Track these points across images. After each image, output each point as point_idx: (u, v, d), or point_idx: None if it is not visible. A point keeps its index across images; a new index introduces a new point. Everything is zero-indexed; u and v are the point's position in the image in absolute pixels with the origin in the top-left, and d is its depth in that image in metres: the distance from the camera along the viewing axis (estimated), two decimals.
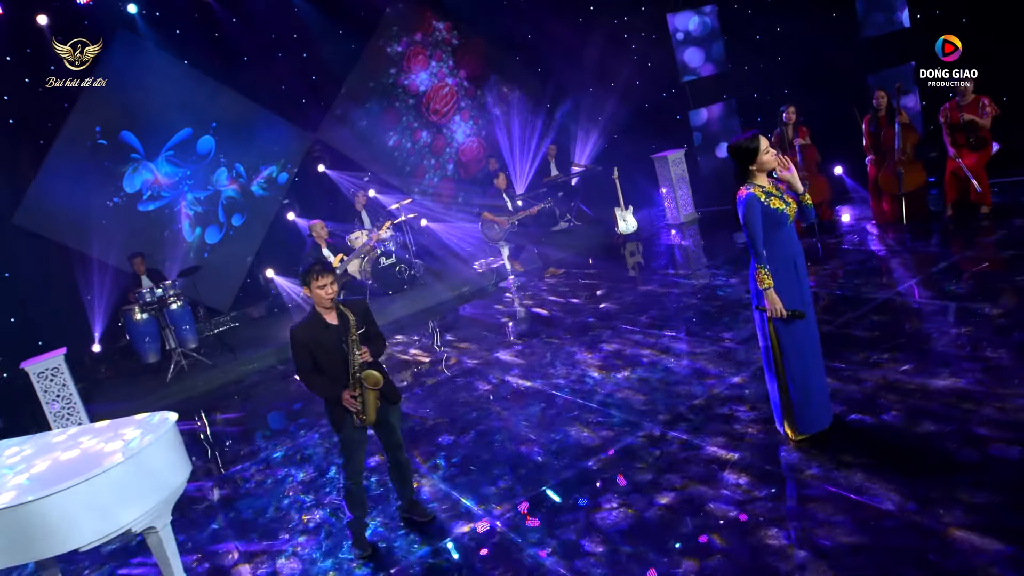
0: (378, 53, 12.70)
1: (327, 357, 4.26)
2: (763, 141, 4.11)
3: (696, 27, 12.20)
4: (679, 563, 3.62)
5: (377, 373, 4.25)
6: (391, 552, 4.45)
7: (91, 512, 3.89)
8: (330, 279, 4.22)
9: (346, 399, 4.22)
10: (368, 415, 4.26)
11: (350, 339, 4.23)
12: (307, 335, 4.28)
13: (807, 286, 4.22)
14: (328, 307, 4.28)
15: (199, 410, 8.30)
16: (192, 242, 11.45)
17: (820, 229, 8.73)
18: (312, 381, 4.32)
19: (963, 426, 4.11)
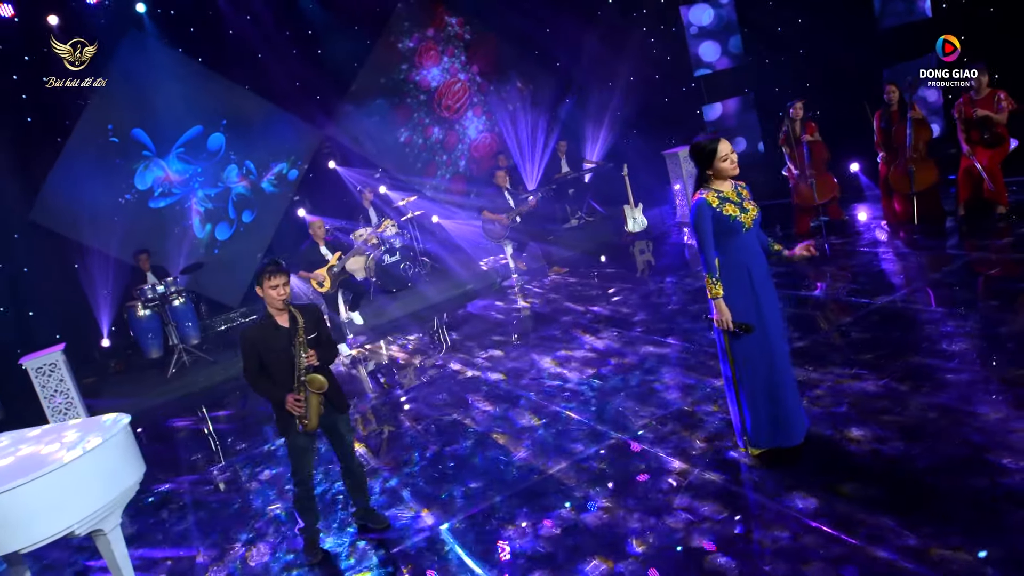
0: (389, 49, 12.66)
1: (275, 359, 4.20)
2: (724, 147, 3.90)
3: (711, 20, 11.87)
4: None
5: (322, 377, 4.18)
6: (340, 559, 4.37)
7: (34, 514, 3.89)
8: (282, 280, 4.15)
9: (290, 402, 4.15)
10: (311, 420, 4.19)
11: (297, 342, 4.16)
12: (257, 336, 4.23)
13: (768, 298, 3.96)
14: (280, 309, 4.21)
15: (199, 406, 8.34)
16: (203, 238, 11.57)
17: (828, 229, 8.42)
18: (257, 383, 4.27)
19: (934, 446, 3.86)
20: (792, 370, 4.13)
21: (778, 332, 4.02)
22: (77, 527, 4.05)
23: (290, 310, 4.23)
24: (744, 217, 3.90)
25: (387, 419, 6.40)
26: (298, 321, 4.18)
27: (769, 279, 4.02)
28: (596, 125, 12.63)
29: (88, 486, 4.06)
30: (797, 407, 4.08)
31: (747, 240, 3.94)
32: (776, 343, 3.98)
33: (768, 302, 3.96)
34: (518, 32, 12.97)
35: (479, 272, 10.67)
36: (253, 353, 4.21)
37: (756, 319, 3.91)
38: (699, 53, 11.93)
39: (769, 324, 3.94)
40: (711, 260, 3.92)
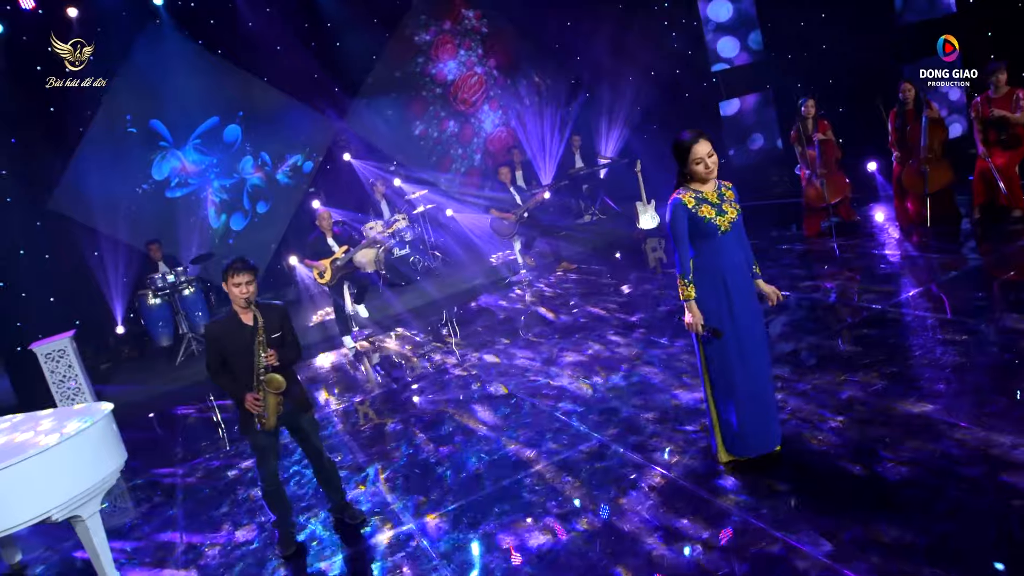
0: (406, 42, 12.65)
1: (237, 357, 4.17)
2: (699, 149, 3.78)
3: (729, 16, 11.66)
4: None
5: (280, 377, 4.14)
6: (314, 552, 4.39)
7: (9, 499, 3.97)
8: (246, 278, 4.13)
9: (249, 401, 4.15)
10: (269, 420, 4.18)
11: (257, 341, 4.14)
12: (220, 332, 4.23)
13: (743, 304, 3.84)
14: (243, 307, 4.19)
15: (207, 394, 8.42)
16: (218, 228, 11.72)
17: (838, 230, 8.24)
18: (217, 378, 4.27)
19: (912, 459, 3.74)
20: (771, 378, 4.02)
21: (755, 339, 3.89)
22: (54, 513, 4.13)
23: (254, 309, 4.21)
24: (720, 220, 3.80)
25: (379, 413, 6.42)
26: (259, 320, 4.16)
27: (748, 285, 3.91)
28: (611, 120, 12.51)
29: (65, 473, 4.13)
30: (773, 416, 3.98)
31: (723, 243, 3.84)
32: (751, 350, 3.87)
33: (744, 308, 3.85)
34: (535, 26, 12.88)
35: (488, 267, 10.64)
36: (215, 348, 4.22)
37: (729, 324, 3.82)
38: (717, 48, 11.73)
39: (743, 330, 3.84)
40: (684, 261, 3.85)
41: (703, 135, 3.79)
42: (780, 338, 5.73)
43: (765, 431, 3.92)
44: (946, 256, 6.80)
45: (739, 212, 3.87)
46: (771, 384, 4.00)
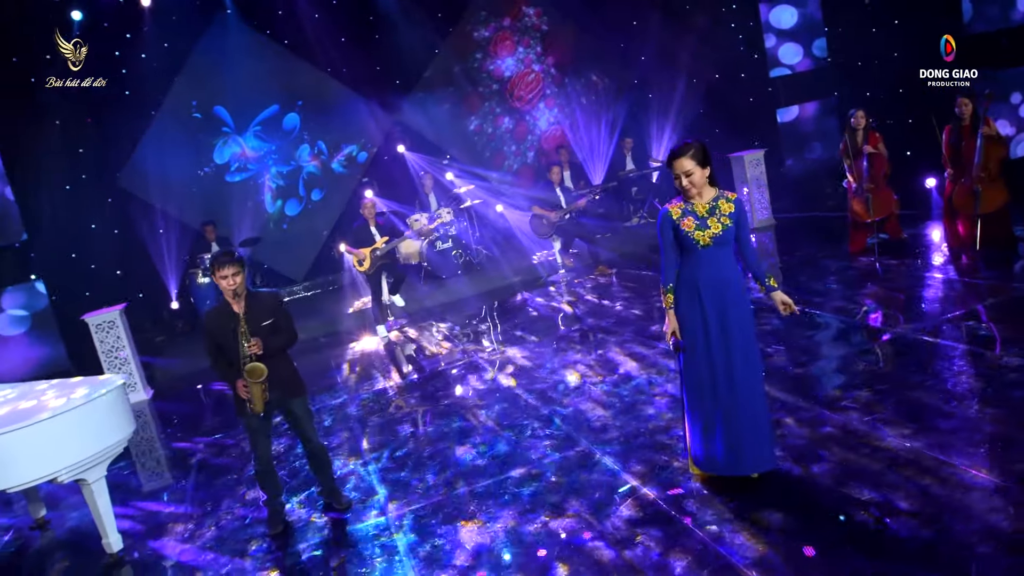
0: (465, 38, 12.78)
1: (228, 344, 4.32)
2: (676, 166, 3.72)
3: (794, 22, 11.29)
4: None
5: (261, 366, 4.25)
6: (299, 533, 4.55)
7: (19, 459, 4.27)
8: (232, 270, 4.22)
9: (239, 387, 4.32)
10: (256, 405, 4.32)
11: (240, 331, 4.28)
12: (212, 319, 4.40)
13: (720, 321, 3.75)
14: (232, 297, 4.31)
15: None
16: (273, 213, 12.15)
17: (883, 248, 7.91)
18: (215, 363, 4.45)
19: (887, 493, 3.59)
20: (757, 399, 3.85)
21: (729, 358, 3.77)
22: (61, 474, 4.42)
23: (247, 297, 4.35)
24: (699, 234, 3.73)
25: (393, 403, 6.55)
26: (239, 313, 4.29)
27: (731, 302, 3.78)
28: (664, 123, 12.31)
29: (72, 438, 4.41)
30: (751, 441, 3.81)
31: (703, 257, 3.77)
32: (723, 369, 3.77)
33: (720, 325, 3.75)
34: (595, 25, 12.79)
35: (528, 266, 10.67)
36: (209, 336, 4.40)
37: (702, 339, 3.76)
38: (778, 53, 11.39)
39: (715, 347, 3.76)
40: (667, 270, 3.86)
41: (684, 152, 3.72)
42: (792, 355, 5.57)
43: (735, 453, 3.81)
44: (990, 283, 6.43)
45: (725, 228, 3.75)
46: (751, 408, 3.80)
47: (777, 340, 5.96)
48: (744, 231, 3.81)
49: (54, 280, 10.20)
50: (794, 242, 9.44)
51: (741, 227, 3.78)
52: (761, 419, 3.84)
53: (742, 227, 3.79)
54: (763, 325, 6.30)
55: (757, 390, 3.83)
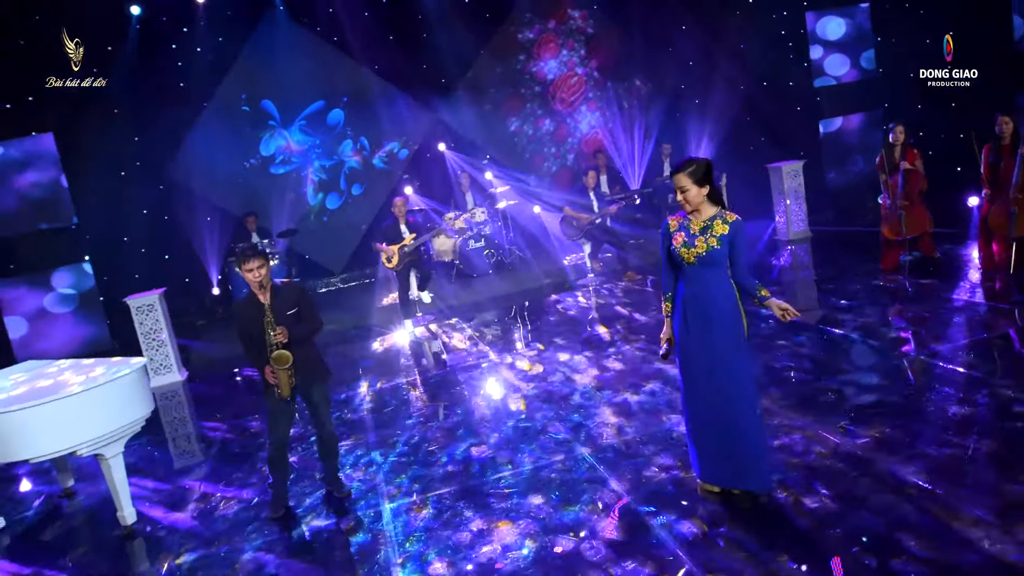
0: (509, 39, 12.88)
1: (256, 332, 4.57)
2: (675, 181, 3.77)
3: (843, 34, 11.06)
4: None
5: (287, 354, 4.49)
6: (298, 516, 4.74)
7: (42, 432, 4.56)
8: (256, 264, 4.47)
9: (267, 372, 4.54)
10: (283, 391, 4.54)
11: (265, 320, 4.50)
12: (241, 310, 4.65)
13: (701, 338, 3.80)
14: (258, 288, 4.56)
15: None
16: (314, 206, 12.47)
17: (915, 267, 7.74)
18: (248, 351, 4.69)
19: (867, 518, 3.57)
20: (744, 418, 3.81)
21: (706, 374, 3.81)
22: (80, 448, 4.69)
23: (272, 288, 4.58)
24: (685, 251, 3.77)
25: (409, 397, 6.71)
26: (265, 303, 4.51)
27: (715, 322, 3.77)
28: (703, 130, 12.19)
29: (92, 415, 4.68)
30: (729, 455, 3.85)
31: (689, 273, 3.82)
32: (703, 383, 3.83)
33: (701, 342, 3.80)
34: (640, 30, 12.75)
35: (558, 268, 10.73)
36: (238, 325, 4.64)
37: (683, 352, 3.83)
38: (824, 64, 11.18)
39: (693, 362, 3.85)
40: (664, 278, 3.97)
41: (683, 168, 3.76)
42: (798, 374, 5.52)
43: (716, 466, 3.87)
44: (1019, 308, 6.24)
45: (711, 249, 3.74)
46: (738, 426, 3.81)
47: (790, 358, 5.90)
48: (739, 255, 3.76)
49: (105, 262, 10.68)
50: (828, 256, 9.29)
51: (735, 250, 3.75)
52: (750, 438, 3.83)
53: (736, 250, 3.75)
54: (779, 343, 6.26)
55: (744, 410, 3.81)
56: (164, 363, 8.74)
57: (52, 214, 10.02)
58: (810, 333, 6.43)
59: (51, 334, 9.98)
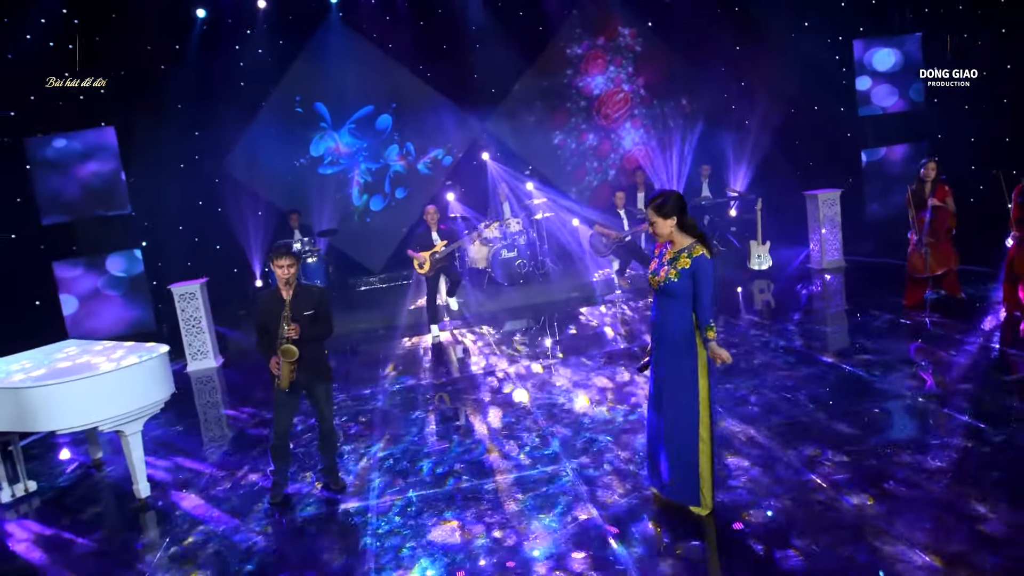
0: (557, 53, 13.09)
1: (273, 325, 4.88)
2: (649, 212, 4.01)
3: (891, 62, 10.92)
4: None
5: (294, 348, 4.79)
6: (294, 504, 5.05)
7: (69, 407, 4.98)
8: (288, 261, 4.80)
9: (272, 363, 4.86)
10: (282, 382, 4.86)
11: (282, 316, 4.82)
12: (263, 302, 4.98)
13: (659, 358, 4.09)
14: (284, 285, 4.88)
15: None
16: (358, 207, 12.92)
17: (938, 305, 7.65)
18: (258, 340, 5.02)
19: (818, 553, 3.65)
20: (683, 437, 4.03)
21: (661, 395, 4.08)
22: (103, 424, 5.10)
23: (296, 287, 4.90)
24: (652, 278, 4.02)
25: (418, 399, 6.98)
26: (286, 300, 4.84)
27: (664, 349, 4.02)
28: (744, 153, 12.17)
29: (114, 395, 5.08)
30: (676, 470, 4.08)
31: (657, 299, 4.07)
32: (655, 398, 4.14)
33: (659, 361, 4.06)
34: (690, 51, 12.79)
35: (586, 283, 10.88)
36: (257, 315, 4.98)
37: (652, 370, 4.11)
38: (872, 93, 11.05)
39: (653, 379, 4.12)
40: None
41: (653, 201, 4.00)
42: (784, 405, 5.57)
43: (654, 472, 4.28)
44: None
45: (668, 281, 3.94)
46: (677, 445, 4.05)
47: (784, 388, 5.96)
48: (699, 290, 3.89)
49: (159, 249, 11.29)
50: (855, 288, 9.21)
51: (697, 285, 3.89)
52: (686, 458, 4.04)
53: (697, 285, 3.88)
54: (780, 371, 6.32)
55: (680, 434, 4.02)
56: (201, 349, 9.23)
57: (110, 202, 10.67)
58: (812, 364, 6.45)
59: (101, 314, 10.63)
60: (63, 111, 10.37)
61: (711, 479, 4.07)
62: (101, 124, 10.72)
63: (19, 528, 5.26)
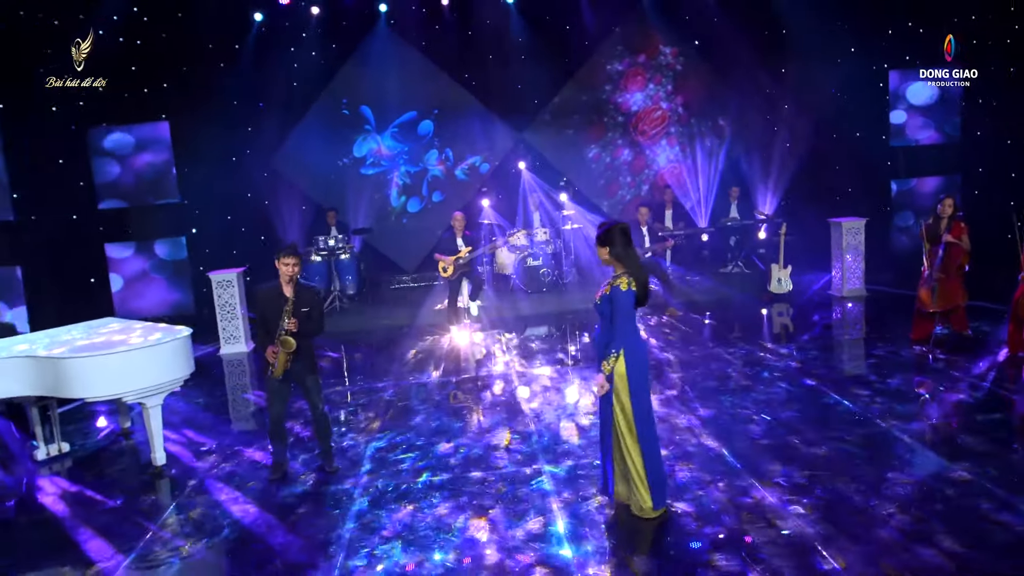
0: (598, 69, 13.38)
1: (272, 317, 5.34)
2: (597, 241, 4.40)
3: (928, 96, 10.88)
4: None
5: (292, 340, 5.24)
6: (291, 482, 5.49)
7: (98, 377, 5.52)
8: (293, 260, 5.25)
9: (268, 351, 5.31)
10: (276, 370, 5.30)
11: (284, 310, 5.27)
12: (265, 296, 5.43)
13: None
14: (287, 281, 5.34)
15: (340, 344, 9.86)
16: (396, 208, 13.44)
17: (943, 342, 7.69)
18: (258, 330, 5.49)
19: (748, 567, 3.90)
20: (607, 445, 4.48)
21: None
22: (127, 396, 5.64)
23: (296, 285, 5.34)
24: (597, 295, 4.34)
25: (427, 396, 7.37)
26: (290, 296, 5.28)
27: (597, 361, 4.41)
28: (775, 176, 12.25)
29: (138, 370, 5.61)
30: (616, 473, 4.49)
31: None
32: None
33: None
34: (729, 73, 12.93)
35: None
36: (258, 307, 5.44)
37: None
38: (905, 125, 11.03)
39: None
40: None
41: (599, 227, 4.37)
42: (759, 425, 5.77)
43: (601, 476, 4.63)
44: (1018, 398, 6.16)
45: (595, 303, 4.40)
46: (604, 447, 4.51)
47: (764, 409, 6.15)
48: (614, 316, 4.24)
49: (208, 237, 11.96)
50: (870, 318, 9.27)
51: (612, 310, 4.25)
52: (622, 467, 4.46)
53: (613, 311, 4.24)
54: (759, 393, 6.51)
55: (608, 443, 4.46)
56: (235, 334, 9.81)
57: (161, 191, 11.40)
58: (798, 387, 6.61)
59: (145, 294, 11.38)
60: (125, 104, 11.13)
61: (645, 484, 4.35)
62: (162, 116, 11.47)
63: (49, 483, 5.84)
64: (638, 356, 4.30)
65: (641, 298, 4.27)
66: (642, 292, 4.25)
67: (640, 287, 4.23)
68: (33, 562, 4.59)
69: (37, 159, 10.57)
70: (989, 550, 3.90)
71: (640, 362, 4.30)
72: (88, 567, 4.46)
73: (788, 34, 12.07)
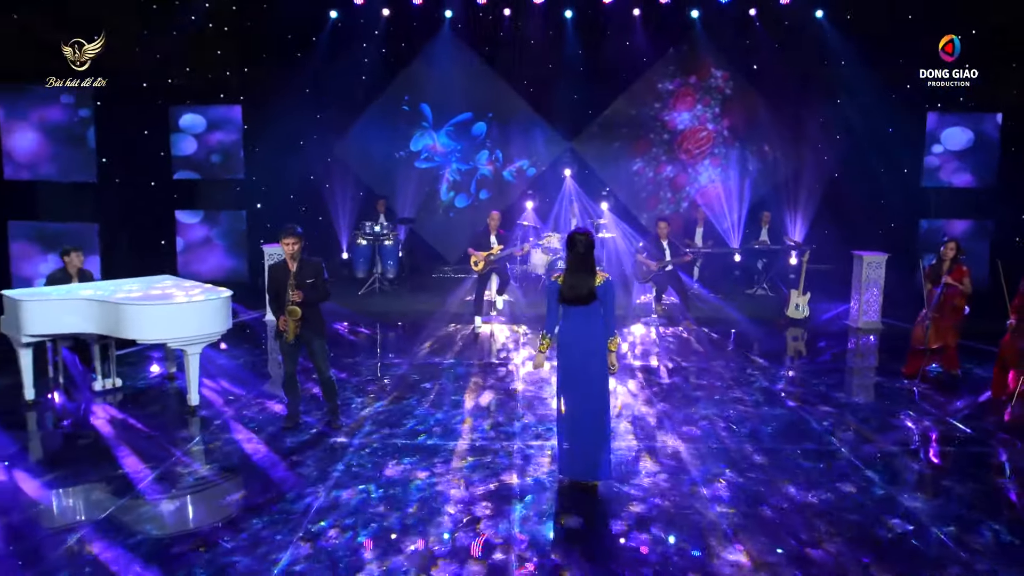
0: (650, 87, 13.89)
1: (281, 290, 6.12)
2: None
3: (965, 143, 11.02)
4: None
5: (298, 309, 5.99)
6: (300, 431, 6.31)
7: (151, 324, 6.45)
8: (292, 240, 6.00)
9: (280, 320, 6.11)
10: (289, 335, 6.09)
11: (288, 283, 6.06)
12: (274, 271, 6.23)
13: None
14: (289, 258, 6.10)
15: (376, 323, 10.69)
16: (445, 202, 14.27)
17: (932, 379, 7.98)
18: (270, 302, 6.31)
19: (665, 551, 4.48)
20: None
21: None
22: (171, 342, 6.56)
23: (299, 261, 6.11)
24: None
25: (429, 373, 8.09)
26: (292, 271, 6.06)
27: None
28: (806, 205, 12.53)
29: (183, 321, 6.52)
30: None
31: None
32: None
33: None
34: (777, 101, 13.25)
35: (625, 303, 11.65)
36: (270, 282, 6.25)
37: None
38: (940, 167, 11.20)
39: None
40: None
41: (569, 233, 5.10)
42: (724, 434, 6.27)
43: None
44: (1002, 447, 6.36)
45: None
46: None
47: (737, 421, 6.65)
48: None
49: (270, 212, 12.96)
50: (878, 350, 9.54)
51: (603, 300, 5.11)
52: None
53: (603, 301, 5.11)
54: (742, 407, 6.99)
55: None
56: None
57: (229, 168, 12.49)
58: (776, 406, 7.06)
59: (206, 259, 12.52)
60: (207, 85, 12.26)
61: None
62: (240, 99, 12.55)
63: (101, 409, 6.82)
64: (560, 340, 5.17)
65: (566, 296, 5.04)
66: (568, 292, 5.02)
67: (566, 288, 5.02)
68: (80, 468, 5.52)
69: (125, 130, 11.77)
70: (872, 552, 4.38)
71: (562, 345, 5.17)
72: (122, 476, 5.35)
73: (833, 70, 12.33)
